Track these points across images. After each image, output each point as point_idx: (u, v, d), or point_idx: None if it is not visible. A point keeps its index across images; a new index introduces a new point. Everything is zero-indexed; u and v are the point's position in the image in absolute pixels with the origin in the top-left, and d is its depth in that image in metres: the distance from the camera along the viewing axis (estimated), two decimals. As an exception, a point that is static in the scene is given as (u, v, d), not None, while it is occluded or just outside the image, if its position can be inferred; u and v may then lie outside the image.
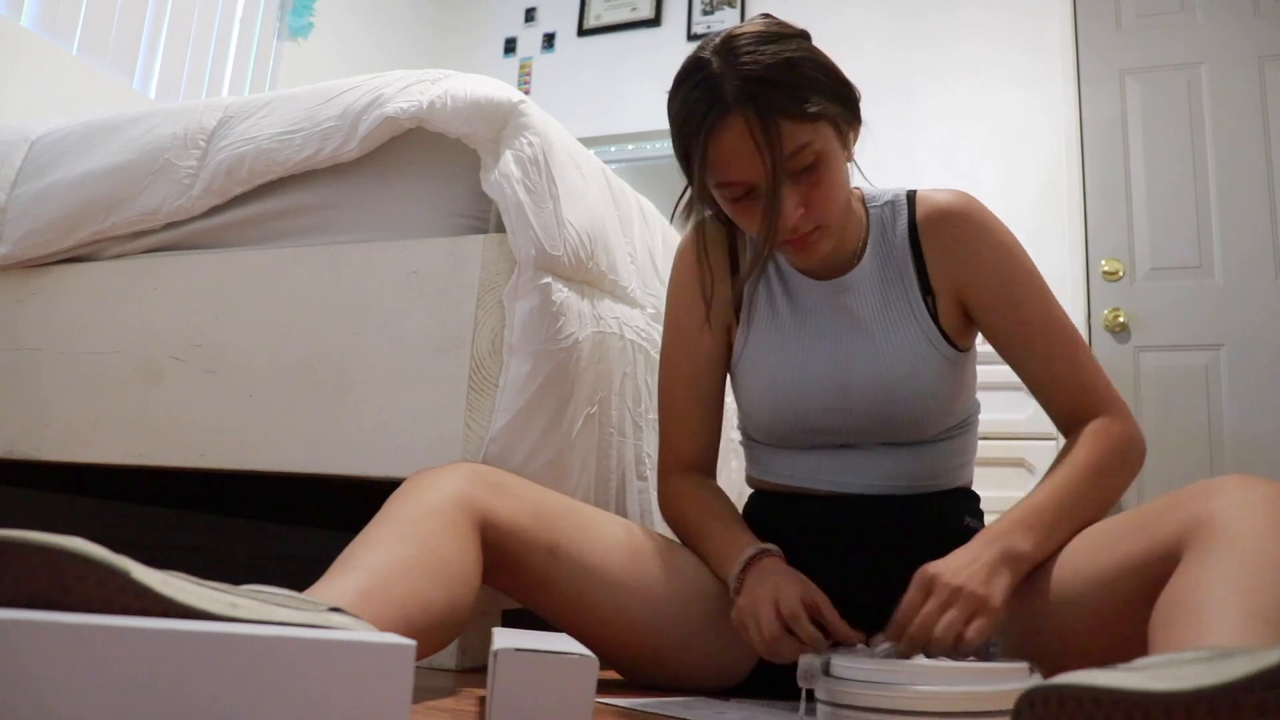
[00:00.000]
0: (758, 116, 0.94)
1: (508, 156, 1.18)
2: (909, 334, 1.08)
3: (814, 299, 1.12)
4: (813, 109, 0.96)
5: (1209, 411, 3.04)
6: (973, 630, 0.84)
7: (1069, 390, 1.05)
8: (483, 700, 0.89)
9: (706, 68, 0.97)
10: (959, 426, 1.13)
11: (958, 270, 1.08)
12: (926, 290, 1.09)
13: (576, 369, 1.20)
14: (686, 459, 1.16)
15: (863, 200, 1.14)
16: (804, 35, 1.01)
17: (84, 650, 0.48)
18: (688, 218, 1.13)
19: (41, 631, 0.48)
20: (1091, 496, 0.98)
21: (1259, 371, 3.00)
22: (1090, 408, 1.04)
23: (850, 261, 1.12)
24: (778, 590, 0.94)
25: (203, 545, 2.30)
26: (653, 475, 1.42)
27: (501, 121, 1.20)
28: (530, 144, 1.19)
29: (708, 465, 1.18)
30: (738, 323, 1.16)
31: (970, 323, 1.11)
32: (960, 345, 1.10)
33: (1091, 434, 1.01)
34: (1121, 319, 3.17)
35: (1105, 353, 3.19)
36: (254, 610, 0.60)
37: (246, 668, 0.52)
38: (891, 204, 1.13)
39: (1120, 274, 3.21)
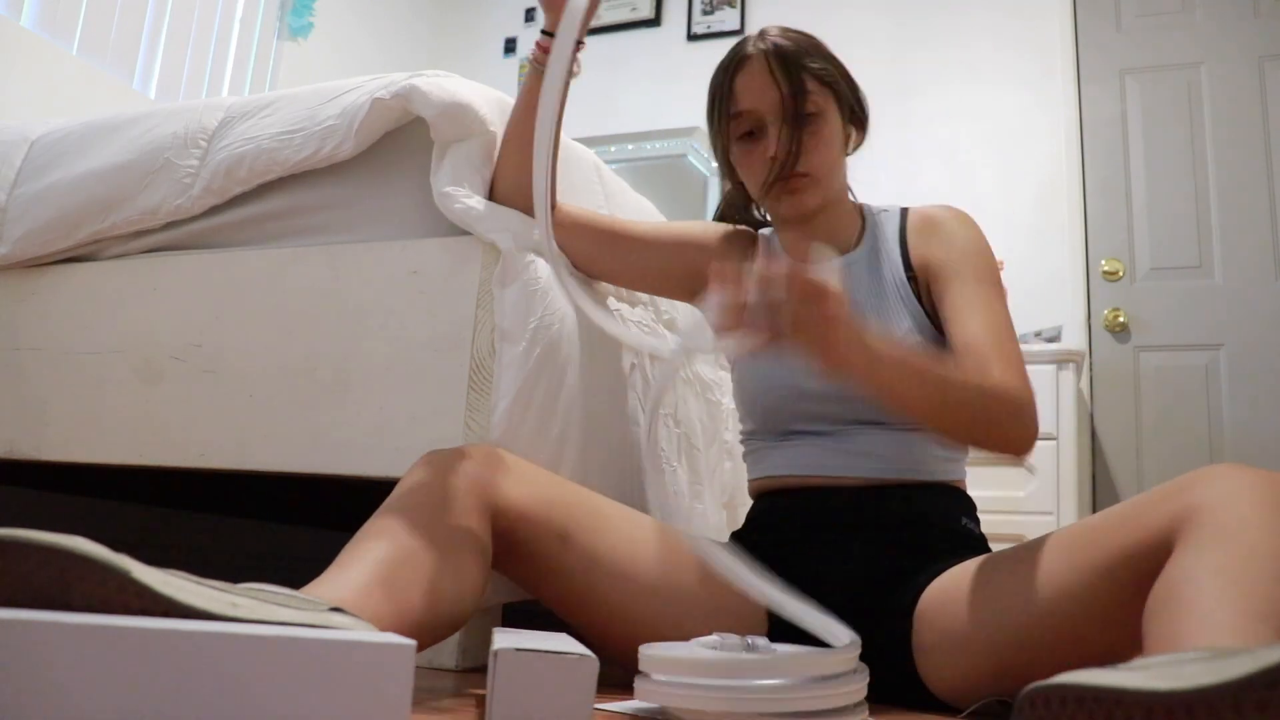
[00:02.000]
0: (778, 58, 1.13)
1: (446, 171, 1.19)
2: (897, 313, 1.14)
3: None
4: (824, 72, 1.15)
5: (1209, 411, 3.04)
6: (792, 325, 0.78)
7: (981, 357, 1.02)
8: (483, 700, 0.89)
9: (742, 43, 1.17)
10: None
11: (930, 248, 1.16)
12: (910, 274, 1.16)
13: (571, 346, 1.19)
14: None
15: (861, 210, 1.25)
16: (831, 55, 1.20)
17: (84, 650, 0.48)
18: (720, 216, 1.30)
19: (41, 631, 0.48)
20: (940, 396, 0.93)
21: (1259, 371, 3.00)
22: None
23: (845, 250, 1.20)
24: None
25: (203, 545, 2.30)
26: (668, 469, 1.42)
27: (464, 131, 1.20)
28: (478, 151, 1.21)
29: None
30: None
31: None
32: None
33: (988, 378, 0.99)
34: (1121, 319, 3.17)
35: (1105, 353, 3.20)
36: (254, 610, 0.60)
37: (246, 668, 0.52)
38: (887, 212, 1.24)
39: (1120, 274, 3.21)
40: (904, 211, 1.23)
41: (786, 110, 1.11)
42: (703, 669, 0.79)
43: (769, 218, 1.28)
